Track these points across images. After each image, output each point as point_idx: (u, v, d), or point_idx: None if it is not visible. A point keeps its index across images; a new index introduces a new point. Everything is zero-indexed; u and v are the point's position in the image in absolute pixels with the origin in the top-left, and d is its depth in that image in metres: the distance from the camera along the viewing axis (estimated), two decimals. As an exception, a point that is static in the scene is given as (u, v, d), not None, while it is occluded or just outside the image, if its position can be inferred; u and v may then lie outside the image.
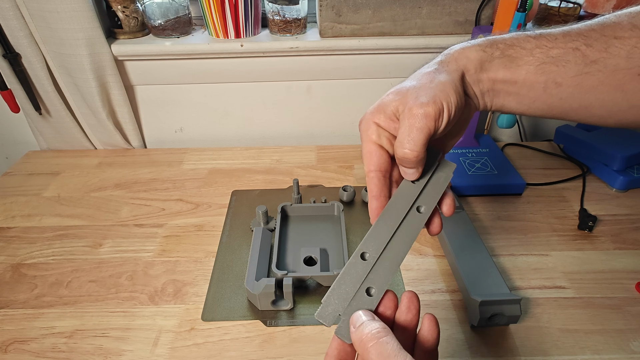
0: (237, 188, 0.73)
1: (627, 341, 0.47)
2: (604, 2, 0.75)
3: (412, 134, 0.30)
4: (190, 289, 0.54)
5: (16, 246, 0.61)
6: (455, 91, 0.31)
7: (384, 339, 0.25)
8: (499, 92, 0.34)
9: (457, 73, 0.33)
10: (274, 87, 0.83)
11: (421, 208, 0.33)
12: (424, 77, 0.32)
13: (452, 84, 0.31)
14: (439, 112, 0.30)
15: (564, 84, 0.32)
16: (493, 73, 0.33)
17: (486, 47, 0.33)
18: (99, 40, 0.71)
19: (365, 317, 0.27)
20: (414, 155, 0.30)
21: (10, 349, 0.47)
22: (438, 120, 0.30)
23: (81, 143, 0.85)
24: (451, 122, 0.32)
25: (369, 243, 0.31)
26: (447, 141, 0.37)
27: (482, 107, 0.35)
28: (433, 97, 0.30)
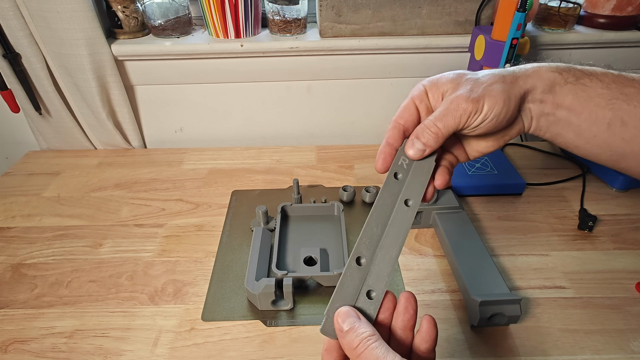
0: (237, 188, 0.73)
1: (627, 341, 0.47)
2: (604, 2, 0.75)
3: (445, 119, 0.31)
4: (190, 289, 0.54)
5: (16, 246, 0.61)
6: (505, 104, 0.32)
7: (373, 345, 0.25)
8: (558, 120, 0.34)
9: (521, 89, 0.33)
10: (274, 87, 0.83)
11: (409, 201, 0.33)
12: (491, 77, 0.33)
13: (508, 97, 0.32)
14: (475, 111, 0.31)
15: (630, 125, 0.32)
16: (561, 98, 0.33)
17: (562, 71, 0.33)
18: (99, 40, 0.71)
19: (352, 319, 0.27)
20: (434, 135, 0.32)
21: (10, 349, 0.47)
22: (471, 117, 0.31)
23: (81, 143, 0.85)
24: (482, 128, 0.32)
25: (362, 246, 0.31)
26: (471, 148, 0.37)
27: (532, 129, 0.35)
28: (480, 97, 0.31)
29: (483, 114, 0.32)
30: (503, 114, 0.32)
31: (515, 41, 0.60)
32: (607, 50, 0.79)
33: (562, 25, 0.76)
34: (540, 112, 0.34)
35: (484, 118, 0.32)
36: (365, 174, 0.76)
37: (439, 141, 0.32)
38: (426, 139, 0.32)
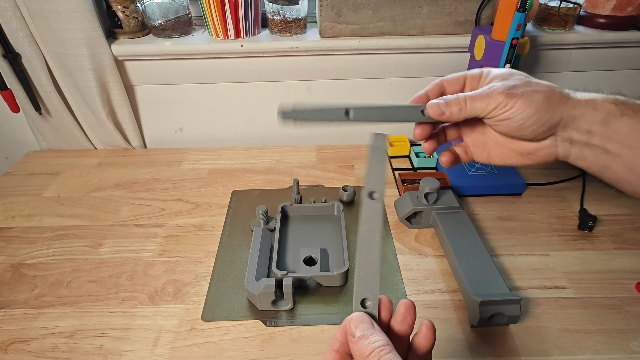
0: (237, 188, 0.73)
1: (627, 341, 0.47)
2: (604, 2, 0.75)
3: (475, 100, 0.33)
4: (190, 289, 0.54)
5: (16, 246, 0.61)
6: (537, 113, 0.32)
7: (387, 357, 0.24)
8: (608, 153, 0.33)
9: (565, 112, 0.32)
10: (274, 87, 0.83)
11: (374, 194, 0.31)
12: (542, 86, 0.34)
13: (545, 109, 0.32)
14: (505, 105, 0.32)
15: None
16: (614, 130, 0.32)
17: (619, 103, 0.33)
18: (99, 40, 0.71)
19: (365, 326, 0.26)
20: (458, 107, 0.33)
21: (10, 349, 0.47)
22: (498, 109, 0.32)
23: (81, 143, 0.85)
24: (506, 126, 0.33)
25: (358, 255, 0.30)
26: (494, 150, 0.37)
27: (572, 158, 0.34)
28: (516, 96, 0.32)
29: (511, 111, 0.32)
30: (531, 121, 0.32)
31: (515, 41, 0.60)
32: (607, 50, 0.79)
33: (562, 25, 0.76)
34: (585, 142, 0.33)
35: (510, 115, 0.32)
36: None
37: (461, 115, 0.33)
38: (451, 106, 0.33)
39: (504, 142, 0.36)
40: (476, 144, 0.38)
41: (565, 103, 0.33)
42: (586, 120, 0.32)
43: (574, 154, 0.34)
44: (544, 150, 0.35)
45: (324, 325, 0.49)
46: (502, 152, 0.37)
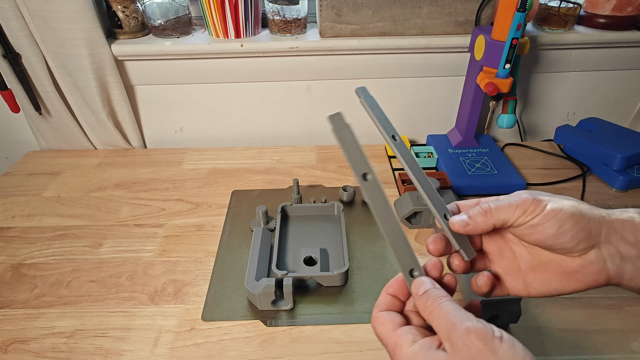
0: (237, 188, 0.73)
1: (627, 341, 0.47)
2: (604, 2, 0.75)
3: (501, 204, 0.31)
4: (190, 289, 0.54)
5: (16, 246, 0.61)
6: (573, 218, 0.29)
7: (445, 302, 0.28)
8: None
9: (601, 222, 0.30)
10: (274, 87, 0.83)
11: (367, 175, 0.31)
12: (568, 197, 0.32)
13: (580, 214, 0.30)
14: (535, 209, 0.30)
15: None
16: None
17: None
18: (99, 40, 0.71)
19: (427, 285, 0.29)
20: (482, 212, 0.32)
21: (10, 349, 0.47)
22: (527, 214, 0.30)
23: (81, 143, 0.85)
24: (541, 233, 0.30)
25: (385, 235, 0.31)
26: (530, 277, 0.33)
27: (626, 278, 0.30)
28: (544, 200, 0.30)
29: (542, 215, 0.30)
30: (569, 224, 0.29)
31: (515, 41, 0.60)
32: (607, 50, 0.79)
33: (562, 25, 0.76)
34: (636, 256, 0.30)
35: (543, 221, 0.30)
36: (365, 174, 0.76)
37: (487, 222, 0.31)
38: (475, 217, 0.31)
39: (541, 262, 0.32)
40: (508, 271, 0.34)
41: (598, 211, 0.30)
42: (629, 230, 0.30)
43: (629, 272, 0.30)
44: (590, 267, 0.30)
45: (324, 325, 0.49)
46: (541, 275, 0.32)
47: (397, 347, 0.28)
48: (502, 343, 0.25)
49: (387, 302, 0.31)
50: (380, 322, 0.30)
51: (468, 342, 0.25)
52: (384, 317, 0.30)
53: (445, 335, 0.26)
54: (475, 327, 0.25)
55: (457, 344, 0.25)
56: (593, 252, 0.30)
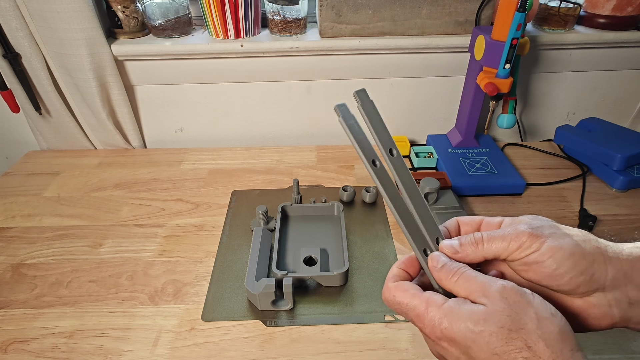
0: (237, 188, 0.73)
1: (627, 341, 0.47)
2: (604, 2, 0.75)
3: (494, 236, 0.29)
4: (190, 289, 0.54)
5: (16, 246, 0.61)
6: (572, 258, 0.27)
7: (468, 272, 0.29)
8: None
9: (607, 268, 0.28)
10: (274, 87, 0.83)
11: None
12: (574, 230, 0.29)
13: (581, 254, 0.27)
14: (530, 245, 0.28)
15: None
16: None
17: None
18: (99, 40, 0.71)
19: (444, 259, 0.30)
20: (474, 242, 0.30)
21: (10, 349, 0.47)
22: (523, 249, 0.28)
23: (81, 143, 0.85)
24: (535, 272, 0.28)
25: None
26: None
27: (632, 322, 0.29)
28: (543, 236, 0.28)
29: (539, 253, 0.28)
30: (567, 266, 0.27)
31: (515, 41, 0.60)
32: (607, 50, 0.79)
33: (562, 25, 0.76)
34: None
35: (539, 259, 0.28)
36: (365, 174, 0.76)
37: (477, 254, 0.30)
38: (465, 246, 0.30)
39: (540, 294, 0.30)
40: None
41: (605, 250, 0.28)
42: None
43: (636, 316, 0.28)
44: (592, 311, 0.28)
45: (324, 325, 0.49)
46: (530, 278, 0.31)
47: (430, 305, 0.28)
48: (534, 297, 0.26)
49: (400, 274, 0.32)
50: (403, 288, 0.30)
51: (506, 295, 0.26)
52: (405, 284, 0.30)
53: (479, 294, 0.27)
54: (509, 283, 0.27)
55: (494, 297, 0.26)
56: (596, 296, 0.28)
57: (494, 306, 0.26)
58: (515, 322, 0.25)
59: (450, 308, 0.27)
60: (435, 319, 0.27)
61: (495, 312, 0.26)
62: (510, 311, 0.25)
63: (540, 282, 0.29)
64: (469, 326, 0.26)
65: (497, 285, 0.27)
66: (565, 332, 0.25)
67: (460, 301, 0.27)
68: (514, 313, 0.25)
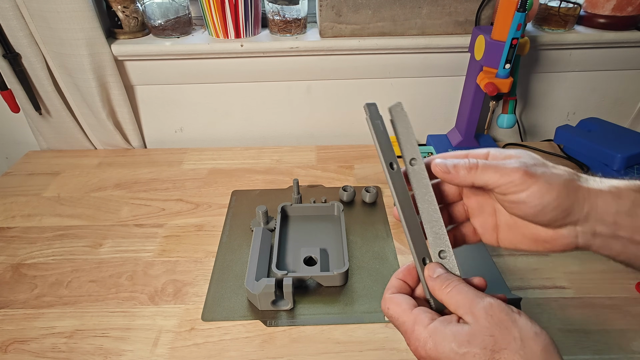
0: (237, 188, 0.73)
1: (627, 341, 0.47)
2: (604, 2, 0.75)
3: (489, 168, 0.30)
4: (190, 289, 0.54)
5: (16, 246, 0.61)
6: (558, 199, 0.29)
7: (460, 286, 0.29)
8: (638, 243, 0.30)
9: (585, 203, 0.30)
10: (274, 87, 0.83)
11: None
12: (562, 170, 0.31)
13: (566, 195, 0.29)
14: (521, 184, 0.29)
15: None
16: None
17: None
18: (99, 40, 0.71)
19: (441, 270, 0.31)
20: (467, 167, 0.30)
21: (10, 349, 0.47)
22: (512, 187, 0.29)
23: (81, 143, 0.85)
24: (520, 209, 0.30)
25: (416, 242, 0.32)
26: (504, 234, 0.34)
27: (595, 248, 0.32)
28: (535, 175, 0.29)
29: (528, 193, 0.29)
30: (551, 207, 0.29)
31: (515, 41, 0.60)
32: (607, 50, 0.79)
33: (562, 25, 0.76)
34: (612, 235, 0.30)
35: (527, 199, 0.29)
36: (365, 174, 0.76)
37: (468, 178, 0.30)
38: (458, 168, 0.30)
39: (516, 225, 0.33)
40: (485, 226, 0.35)
41: (585, 190, 0.30)
42: (611, 211, 0.30)
43: (596, 245, 0.31)
44: (561, 240, 0.31)
45: (324, 325, 0.49)
46: (513, 236, 0.34)
47: (417, 323, 0.29)
48: (520, 316, 0.27)
49: (398, 285, 0.32)
50: (396, 302, 0.31)
51: (491, 312, 0.27)
52: (399, 297, 0.31)
53: (466, 309, 0.28)
54: (497, 301, 0.28)
55: (480, 315, 0.27)
56: (567, 228, 0.31)
57: (478, 325, 0.27)
58: (498, 342, 0.26)
59: (436, 329, 0.28)
60: (420, 338, 0.28)
61: (478, 332, 0.27)
62: (493, 330, 0.26)
63: (523, 218, 0.31)
64: (453, 347, 0.27)
65: (485, 303, 0.27)
66: (549, 350, 0.27)
67: (445, 321, 0.28)
68: (498, 333, 0.26)
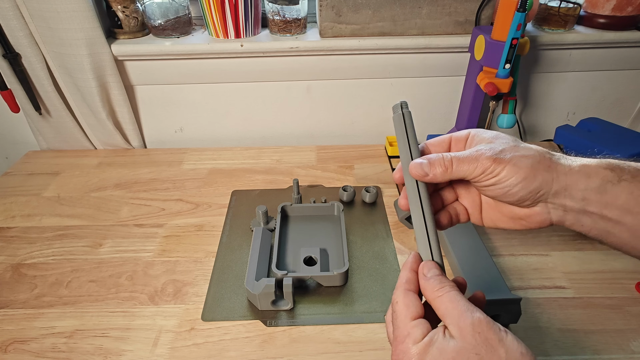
0: (237, 188, 0.73)
1: (627, 341, 0.47)
2: (604, 2, 0.75)
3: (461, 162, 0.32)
4: (190, 289, 0.54)
5: (16, 246, 0.61)
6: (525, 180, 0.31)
7: (453, 293, 0.29)
8: (608, 220, 0.31)
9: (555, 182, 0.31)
10: (274, 87, 0.83)
11: None
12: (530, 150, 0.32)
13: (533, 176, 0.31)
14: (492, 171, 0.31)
15: None
16: (613, 197, 0.31)
17: (615, 168, 0.31)
18: (99, 40, 0.71)
19: (436, 270, 0.31)
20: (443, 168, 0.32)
21: (10, 349, 0.47)
22: (485, 174, 0.31)
23: (81, 143, 0.85)
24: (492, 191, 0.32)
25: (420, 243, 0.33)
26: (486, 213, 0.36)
27: (568, 224, 0.33)
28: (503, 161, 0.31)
29: (498, 177, 0.31)
30: (517, 188, 0.31)
31: (515, 41, 0.60)
32: (607, 50, 0.79)
33: (562, 25, 0.76)
34: (581, 210, 0.32)
35: (497, 182, 0.31)
36: (365, 174, 0.76)
37: (445, 176, 0.32)
38: (435, 166, 0.32)
39: (495, 204, 0.36)
40: (472, 205, 0.37)
41: (555, 169, 0.31)
42: (579, 188, 0.31)
43: (569, 221, 0.33)
44: (535, 217, 0.33)
45: (324, 325, 0.49)
46: (493, 215, 0.36)
47: (409, 336, 0.29)
48: (507, 335, 0.27)
49: (414, 280, 0.32)
50: (406, 303, 0.30)
51: (479, 330, 0.27)
52: (411, 300, 0.31)
53: (453, 320, 0.28)
54: (486, 318, 0.27)
55: (467, 331, 0.27)
56: (539, 206, 0.33)
57: (464, 342, 0.27)
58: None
59: (424, 348, 0.28)
60: (406, 356, 0.28)
61: (464, 349, 0.26)
62: (479, 349, 0.26)
63: (495, 198, 0.33)
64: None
65: (474, 318, 0.27)
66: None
67: (434, 334, 0.28)
68: (484, 351, 0.26)
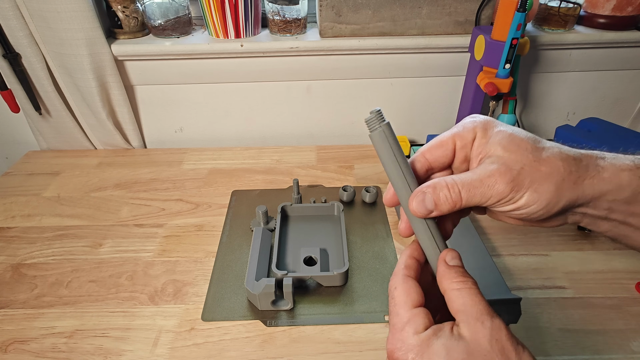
0: (237, 188, 0.73)
1: (627, 341, 0.47)
2: (604, 2, 0.75)
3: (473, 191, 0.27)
4: (190, 289, 0.54)
5: (16, 246, 0.61)
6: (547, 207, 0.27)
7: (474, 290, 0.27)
8: (628, 225, 0.30)
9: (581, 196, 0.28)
10: (274, 87, 0.83)
11: None
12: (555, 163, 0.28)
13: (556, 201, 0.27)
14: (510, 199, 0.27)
15: None
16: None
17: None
18: (99, 40, 0.71)
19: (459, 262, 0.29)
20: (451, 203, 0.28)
21: (10, 349, 0.47)
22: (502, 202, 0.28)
23: (81, 143, 0.85)
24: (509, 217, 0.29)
25: None
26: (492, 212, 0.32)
27: (582, 224, 0.31)
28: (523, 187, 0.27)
29: (516, 205, 0.28)
30: (539, 213, 0.28)
31: (515, 41, 0.60)
32: (607, 50, 0.79)
33: (562, 25, 0.76)
34: (603, 217, 0.30)
35: (515, 209, 0.28)
36: (365, 174, 0.76)
37: (455, 209, 0.28)
38: (441, 201, 0.28)
39: None
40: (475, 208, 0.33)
41: (582, 184, 0.28)
42: (607, 199, 0.28)
43: (586, 222, 0.31)
44: (551, 222, 0.31)
45: (324, 325, 0.49)
46: (499, 216, 0.32)
47: (409, 324, 0.27)
48: (524, 351, 0.25)
49: (414, 267, 0.29)
50: (405, 289, 0.28)
51: (498, 337, 0.25)
52: (410, 286, 0.28)
53: (470, 320, 0.26)
54: (506, 326, 0.26)
55: (482, 334, 0.25)
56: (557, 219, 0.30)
57: (477, 346, 0.25)
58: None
59: (427, 339, 0.26)
60: (404, 344, 0.26)
61: (477, 352, 0.24)
62: (493, 357, 0.24)
63: (513, 222, 0.31)
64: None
65: (494, 323, 0.25)
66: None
67: (438, 330, 0.26)
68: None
